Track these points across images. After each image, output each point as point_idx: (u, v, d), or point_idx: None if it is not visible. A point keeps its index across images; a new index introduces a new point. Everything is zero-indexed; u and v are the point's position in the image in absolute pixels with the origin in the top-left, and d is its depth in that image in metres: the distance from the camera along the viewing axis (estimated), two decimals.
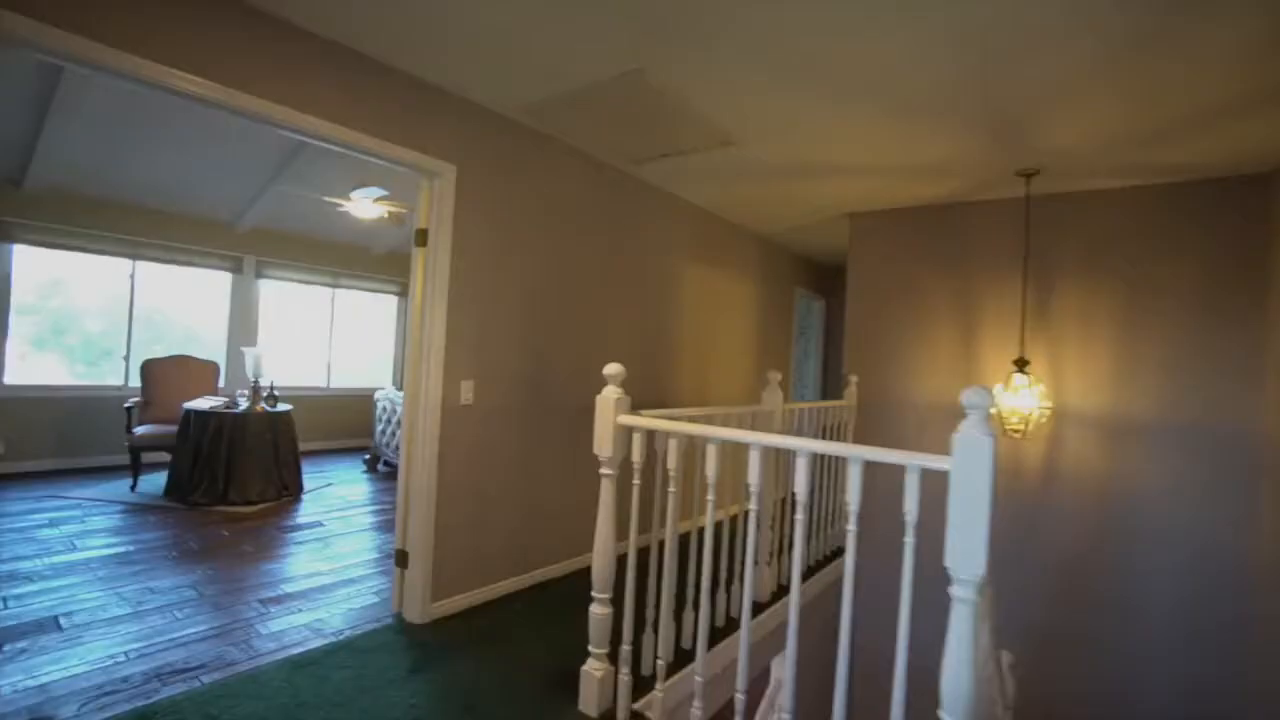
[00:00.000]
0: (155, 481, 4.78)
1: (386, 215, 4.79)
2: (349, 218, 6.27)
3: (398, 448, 5.82)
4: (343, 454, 6.67)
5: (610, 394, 1.97)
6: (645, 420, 1.96)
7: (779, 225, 5.11)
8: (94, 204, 5.30)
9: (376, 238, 6.98)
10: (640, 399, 4.07)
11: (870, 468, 1.49)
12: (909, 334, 4.33)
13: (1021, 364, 3.39)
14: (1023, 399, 3.34)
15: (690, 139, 3.20)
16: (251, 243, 6.28)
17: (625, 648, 2.02)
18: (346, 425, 7.05)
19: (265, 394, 4.72)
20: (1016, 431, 3.38)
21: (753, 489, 1.73)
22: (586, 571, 3.47)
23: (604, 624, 1.98)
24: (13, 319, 5.05)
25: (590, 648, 2.00)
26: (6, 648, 2.33)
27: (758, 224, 5.09)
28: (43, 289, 5.32)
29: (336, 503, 4.70)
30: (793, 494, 1.66)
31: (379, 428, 5.86)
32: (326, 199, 4.38)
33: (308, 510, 4.45)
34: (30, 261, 5.14)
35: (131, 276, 5.63)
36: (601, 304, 3.66)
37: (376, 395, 5.93)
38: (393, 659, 2.36)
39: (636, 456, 2.00)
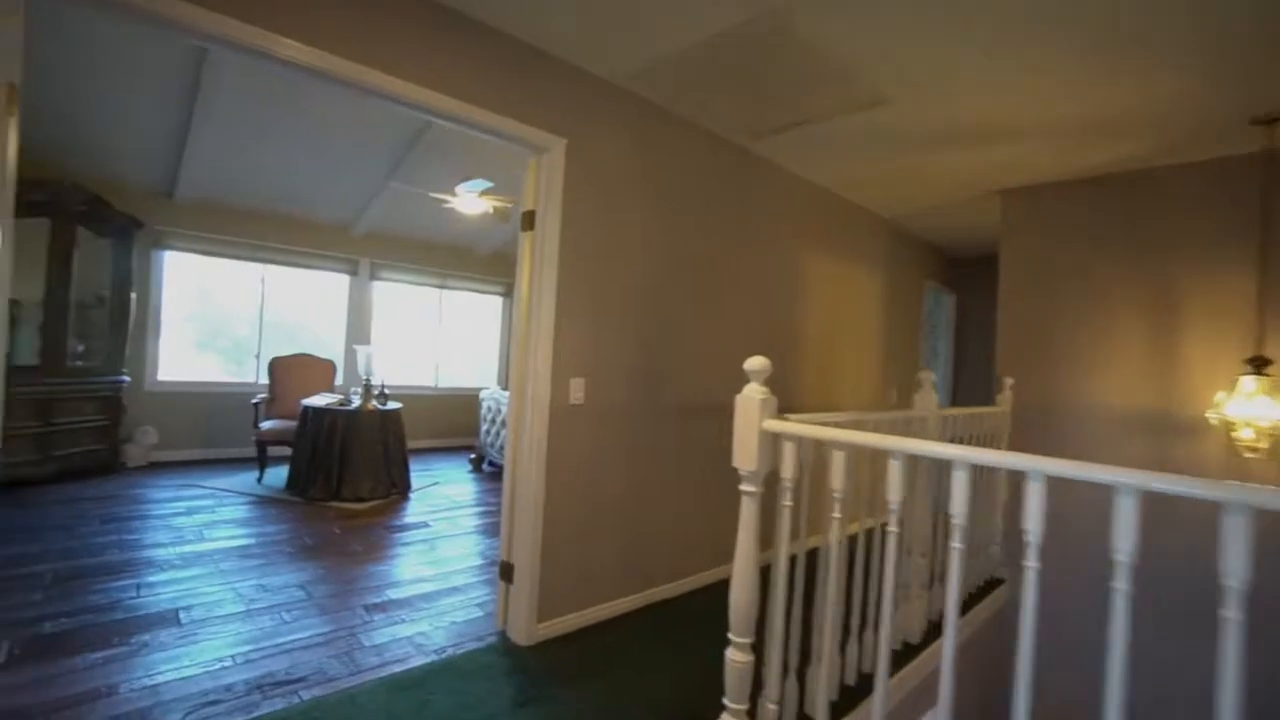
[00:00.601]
0: (279, 475, 4.96)
1: (492, 210, 4.70)
2: (456, 218, 6.32)
3: (502, 448, 5.79)
4: (449, 453, 6.74)
5: (754, 394, 1.61)
6: (803, 427, 1.58)
7: (912, 208, 4.52)
8: (230, 212, 5.63)
9: (482, 238, 7.02)
10: None
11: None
12: (1081, 328, 3.64)
13: (1260, 364, 2.66)
14: (1261, 408, 2.62)
15: (830, 100, 2.77)
16: (366, 246, 6.49)
17: (771, 706, 1.65)
18: (453, 424, 7.14)
19: (376, 392, 4.77)
20: (1253, 450, 2.65)
21: (956, 520, 1.30)
22: (705, 591, 3.14)
23: (744, 674, 1.62)
24: (167, 320, 5.46)
25: (726, 700, 1.64)
26: (132, 640, 2.33)
27: (887, 207, 4.53)
28: (203, 297, 5.73)
29: (443, 503, 4.66)
30: (1022, 531, 1.21)
31: (484, 427, 5.82)
32: (433, 195, 4.35)
33: (415, 510, 4.42)
34: (183, 269, 5.53)
35: (262, 280, 5.96)
36: (716, 293, 3.30)
37: (482, 395, 5.91)
38: (497, 686, 2.12)
39: (789, 472, 1.62)
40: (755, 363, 1.68)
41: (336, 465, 4.39)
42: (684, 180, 3.08)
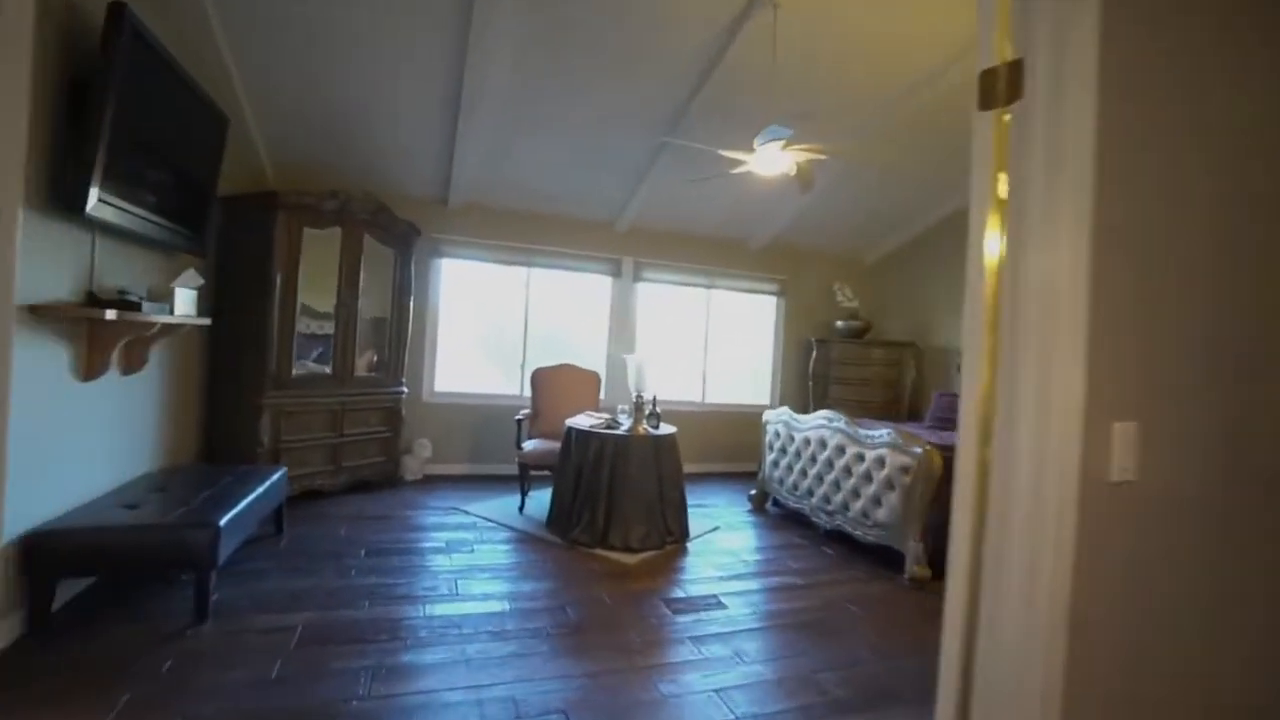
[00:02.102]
0: (541, 500, 4.35)
1: (794, 170, 3.45)
2: (728, 203, 5.28)
3: (795, 488, 4.27)
4: (718, 481, 5.65)
5: None
6: None
7: None
8: (499, 216, 5.34)
9: (758, 224, 5.86)
10: None
11: None
12: None
13: None
14: None
15: None
16: (629, 243, 5.78)
17: None
18: (723, 447, 6.06)
19: (648, 411, 3.84)
20: None
21: None
22: None
23: None
24: (441, 329, 5.34)
25: None
26: None
27: None
28: (472, 305, 5.55)
29: (727, 561, 3.51)
30: None
31: (769, 457, 4.60)
32: (723, 152, 3.27)
33: (697, 571, 3.33)
34: (455, 276, 5.39)
35: (526, 284, 5.58)
36: None
37: (766, 418, 4.70)
38: None
39: None
40: None
41: (603, 503, 3.53)
42: None
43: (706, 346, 6.22)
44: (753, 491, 4.84)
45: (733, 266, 6.19)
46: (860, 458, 3.72)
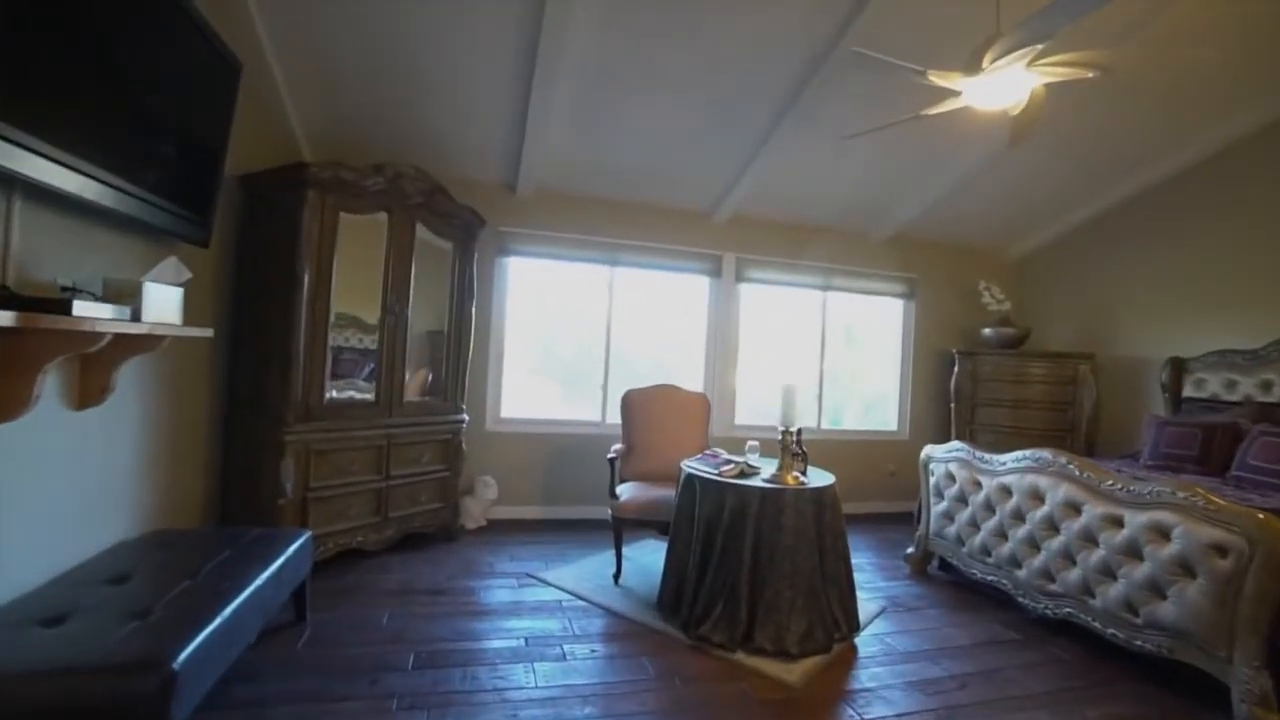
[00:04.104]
0: (641, 564, 3.34)
1: (1022, 105, 2.34)
2: (857, 181, 4.23)
3: (987, 553, 3.00)
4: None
5: None
6: None
7: None
8: (573, 204, 4.41)
9: (886, 209, 4.74)
10: None
11: None
12: None
13: None
14: None
15: None
16: (730, 236, 4.75)
17: None
18: (848, 484, 4.80)
19: (795, 450, 2.76)
20: None
21: None
22: None
23: None
24: (509, 341, 4.43)
25: None
26: None
27: None
28: (543, 311, 4.61)
29: (929, 673, 2.38)
30: None
31: (937, 507, 3.44)
32: (933, 76, 2.19)
33: (893, 695, 2.21)
34: (524, 278, 4.48)
35: (609, 287, 4.60)
36: None
37: (929, 455, 3.54)
38: None
39: None
40: None
41: (745, 585, 2.46)
42: None
43: (823, 361, 5.09)
44: (910, 550, 3.68)
45: (852, 263, 5.06)
46: (1116, 521, 2.54)
